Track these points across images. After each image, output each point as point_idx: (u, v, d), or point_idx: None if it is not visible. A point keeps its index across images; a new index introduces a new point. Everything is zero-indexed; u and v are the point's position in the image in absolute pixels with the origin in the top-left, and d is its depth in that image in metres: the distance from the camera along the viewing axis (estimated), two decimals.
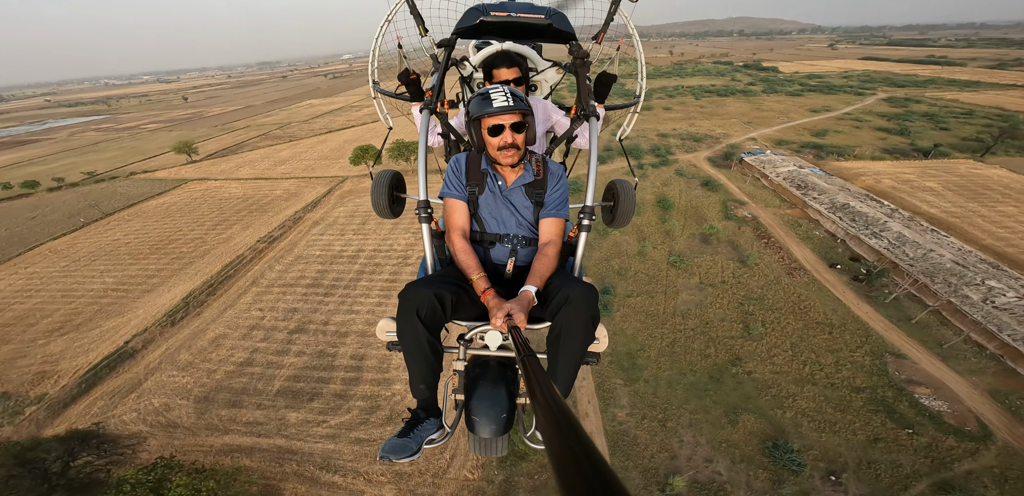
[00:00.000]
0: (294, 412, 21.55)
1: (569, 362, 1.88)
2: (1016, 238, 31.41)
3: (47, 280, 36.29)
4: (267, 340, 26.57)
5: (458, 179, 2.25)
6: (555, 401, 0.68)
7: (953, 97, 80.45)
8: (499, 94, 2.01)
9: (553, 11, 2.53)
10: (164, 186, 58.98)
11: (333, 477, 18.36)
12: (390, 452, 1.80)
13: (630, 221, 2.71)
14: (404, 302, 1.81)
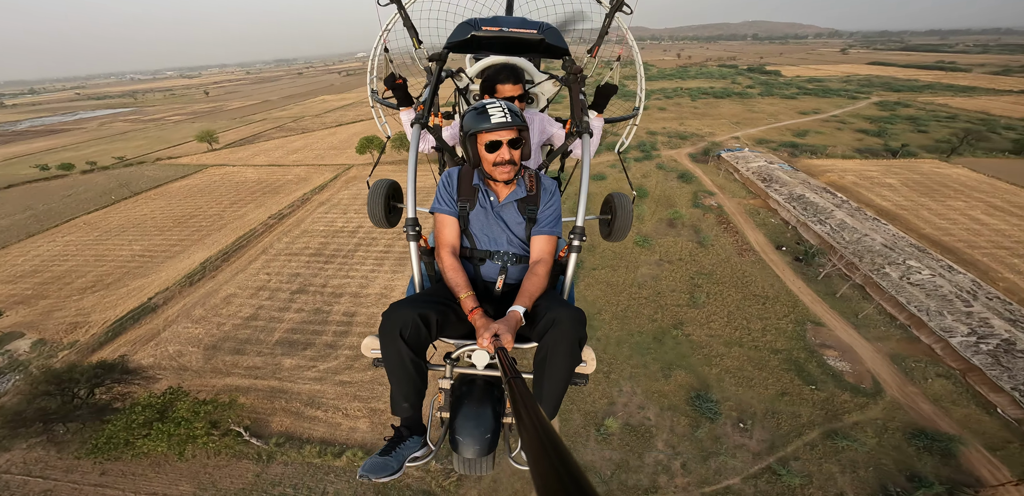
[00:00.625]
0: (288, 359, 24.85)
1: (555, 384, 1.85)
2: (955, 228, 33.83)
3: (81, 247, 40.67)
4: (271, 299, 30.30)
5: (449, 194, 2.21)
6: (540, 423, 0.67)
7: (944, 102, 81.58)
8: (496, 109, 1.98)
9: (546, 26, 2.49)
10: (187, 170, 63.67)
11: (316, 412, 21.03)
12: (370, 471, 1.78)
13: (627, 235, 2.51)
14: (387, 322, 1.78)
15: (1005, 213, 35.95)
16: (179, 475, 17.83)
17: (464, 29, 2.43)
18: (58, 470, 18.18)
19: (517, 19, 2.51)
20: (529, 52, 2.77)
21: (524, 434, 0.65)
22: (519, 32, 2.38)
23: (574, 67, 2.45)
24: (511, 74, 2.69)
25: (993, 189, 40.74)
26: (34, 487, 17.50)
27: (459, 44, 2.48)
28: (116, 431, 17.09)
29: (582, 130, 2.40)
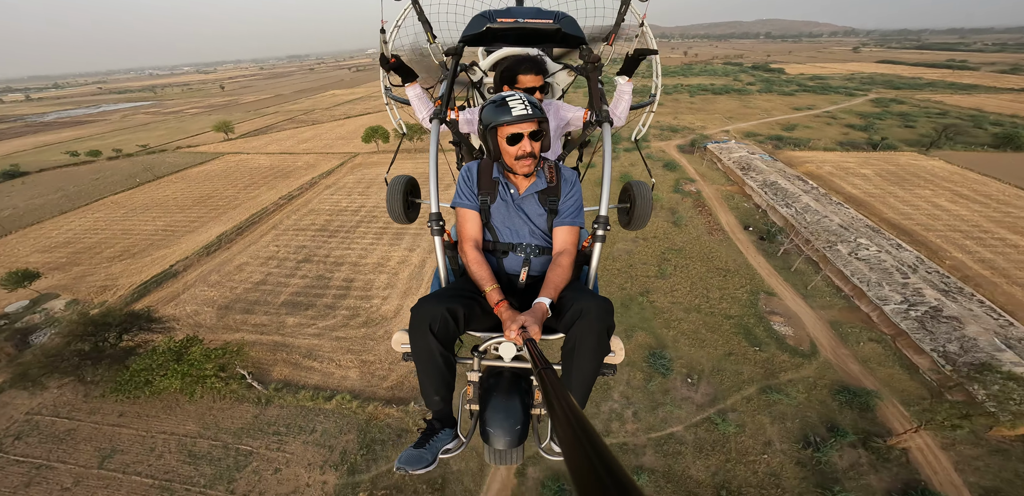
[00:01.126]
0: (291, 317, 27.76)
1: (584, 375, 1.86)
2: (916, 213, 35.70)
3: (109, 223, 44.38)
4: (279, 267, 33.47)
5: (469, 188, 2.21)
6: (573, 412, 0.67)
7: (940, 99, 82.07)
8: (517, 102, 1.96)
9: (562, 15, 2.46)
10: (205, 157, 67.47)
11: (312, 363, 23.61)
12: (406, 463, 1.81)
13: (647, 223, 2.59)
14: (416, 317, 1.81)
15: (969, 200, 37.66)
16: (187, 416, 20.38)
17: (479, 21, 2.42)
18: (82, 412, 20.91)
19: (532, 9, 2.51)
20: (545, 42, 2.73)
21: (557, 424, 0.65)
22: (535, 22, 2.36)
23: (592, 56, 2.40)
24: (533, 65, 2.64)
25: (963, 179, 42.32)
26: (60, 427, 20.14)
27: (474, 37, 2.47)
28: (138, 370, 19.86)
29: (602, 119, 2.36)
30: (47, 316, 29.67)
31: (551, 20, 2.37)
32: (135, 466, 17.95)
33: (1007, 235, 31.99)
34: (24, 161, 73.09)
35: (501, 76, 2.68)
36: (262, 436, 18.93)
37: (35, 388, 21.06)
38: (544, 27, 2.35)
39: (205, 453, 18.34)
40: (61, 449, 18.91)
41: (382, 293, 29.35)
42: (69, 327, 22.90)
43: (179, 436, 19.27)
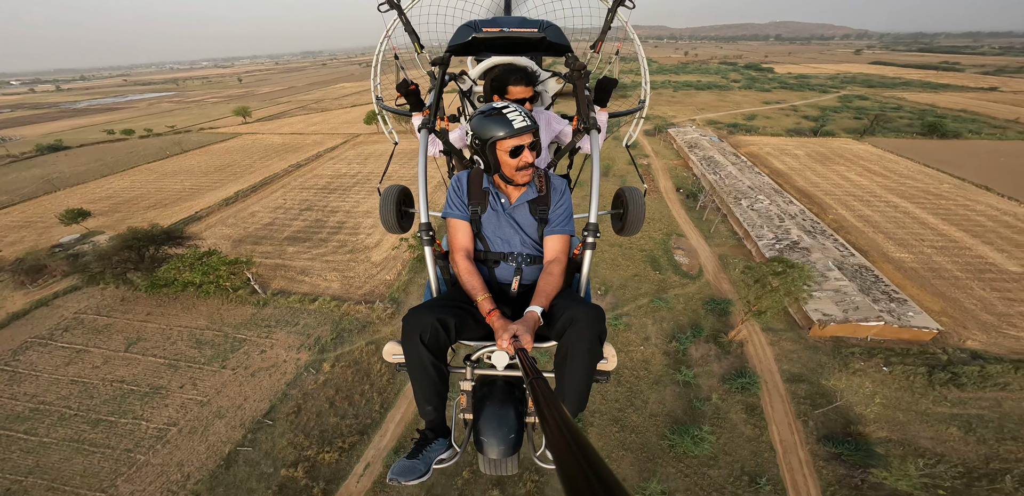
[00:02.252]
0: (292, 247, 34.26)
1: (578, 382, 1.84)
2: (823, 182, 41.52)
3: (144, 183, 51.81)
4: (285, 214, 40.36)
5: (460, 198, 2.20)
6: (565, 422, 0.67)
7: (903, 96, 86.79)
8: (515, 114, 1.95)
9: (546, 24, 2.48)
10: (225, 137, 75.10)
11: (304, 278, 29.90)
12: (399, 475, 1.80)
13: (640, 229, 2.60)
14: (407, 327, 1.80)
15: (874, 174, 43.35)
16: (199, 315, 26.45)
17: (465, 31, 2.43)
18: (118, 312, 27.12)
19: (517, 19, 2.53)
20: (531, 51, 2.72)
21: (549, 434, 0.65)
22: (520, 31, 2.38)
23: (578, 63, 2.37)
24: (523, 76, 2.58)
25: (879, 159, 47.89)
26: (99, 323, 26.23)
27: (461, 47, 2.47)
28: (169, 270, 26.14)
29: (590, 126, 2.33)
30: (94, 246, 36.78)
31: (536, 29, 2.42)
32: (152, 350, 23.11)
33: (894, 199, 37.78)
34: (65, 138, 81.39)
35: (491, 86, 2.65)
36: (255, 328, 24.55)
37: (89, 285, 28.00)
38: (529, 36, 2.41)
39: (209, 340, 23.74)
40: (98, 338, 24.37)
41: (367, 231, 36.14)
42: (120, 236, 29.68)
43: (191, 329, 24.97)
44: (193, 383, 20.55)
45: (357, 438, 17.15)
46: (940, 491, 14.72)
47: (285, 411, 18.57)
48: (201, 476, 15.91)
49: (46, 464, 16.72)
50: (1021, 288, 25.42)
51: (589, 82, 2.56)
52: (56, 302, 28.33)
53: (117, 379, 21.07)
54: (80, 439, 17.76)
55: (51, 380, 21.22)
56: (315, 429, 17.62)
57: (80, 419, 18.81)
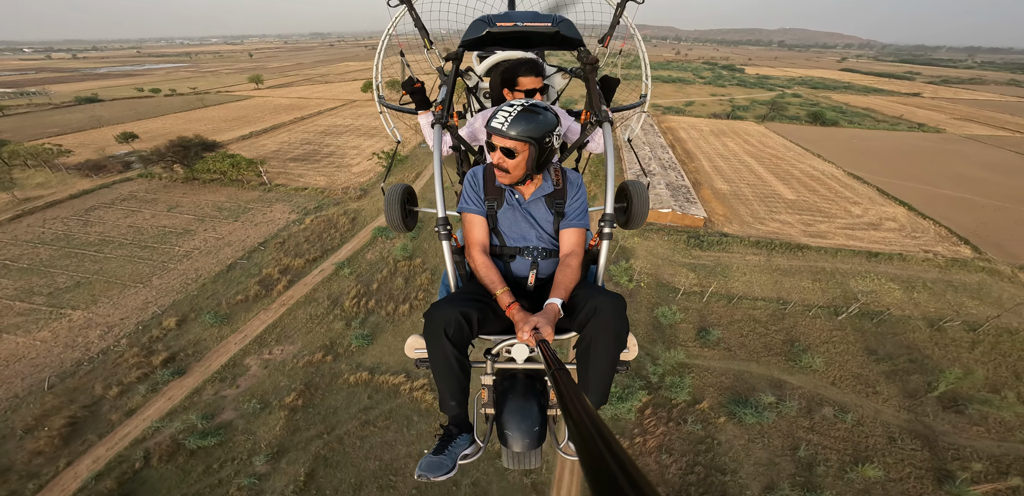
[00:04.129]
0: (292, 164, 45.62)
1: (601, 373, 1.83)
2: (707, 147, 53.50)
3: (174, 125, 63.00)
4: (288, 145, 51.94)
5: (476, 193, 2.18)
6: (588, 413, 0.67)
7: (831, 96, 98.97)
8: (503, 113, 1.91)
9: (560, 18, 2.48)
10: (240, 97, 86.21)
11: (300, 178, 41.14)
12: (427, 471, 1.79)
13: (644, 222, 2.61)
14: (430, 322, 1.80)
15: (747, 144, 55.46)
16: (221, 195, 37.92)
17: (479, 26, 2.43)
18: (161, 192, 38.51)
19: (529, 13, 2.53)
20: (543, 45, 2.71)
21: (572, 425, 0.65)
22: (534, 26, 2.38)
23: (590, 57, 2.32)
24: (532, 67, 2.59)
25: (762, 136, 60.00)
26: (147, 197, 37.43)
27: (474, 41, 2.48)
28: (205, 162, 38.28)
29: (601, 119, 2.32)
30: (139, 157, 48.53)
31: (549, 23, 2.42)
32: (186, 212, 34.45)
33: (746, 158, 49.92)
34: (98, 93, 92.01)
35: (501, 79, 2.65)
36: (261, 203, 36.30)
37: (146, 169, 40.06)
38: (543, 30, 2.40)
39: (227, 207, 35.52)
40: (146, 205, 36.04)
41: (352, 156, 48.03)
42: (169, 142, 41.41)
43: (215, 202, 36.63)
44: (213, 228, 32.30)
45: (319, 254, 28.80)
46: (643, 283, 26.76)
47: (274, 242, 30.06)
48: (209, 275, 26.19)
49: (106, 269, 27.15)
50: (785, 206, 37.70)
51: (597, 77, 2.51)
52: (114, 186, 40.22)
53: (160, 226, 32.72)
54: (131, 256, 28.51)
55: (113, 225, 32.82)
56: (292, 251, 29.14)
57: (132, 245, 30.05)
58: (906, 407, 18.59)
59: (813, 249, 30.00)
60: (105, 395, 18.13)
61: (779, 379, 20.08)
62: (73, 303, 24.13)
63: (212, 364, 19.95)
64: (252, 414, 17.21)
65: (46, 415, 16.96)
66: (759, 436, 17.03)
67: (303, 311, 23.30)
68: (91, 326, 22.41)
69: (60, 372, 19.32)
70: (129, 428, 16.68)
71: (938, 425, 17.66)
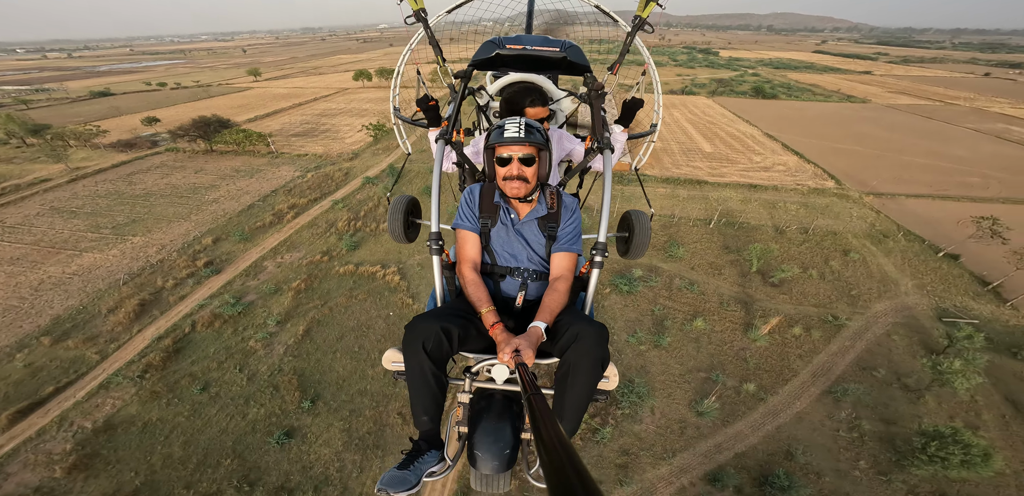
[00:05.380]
0: (295, 138, 52.73)
1: (576, 401, 1.80)
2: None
3: (185, 113, 69.09)
4: (289, 125, 58.72)
5: (471, 210, 2.20)
6: (560, 441, 0.66)
7: (787, 74, 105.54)
8: (513, 125, 1.99)
9: (568, 44, 2.51)
10: (241, 88, 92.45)
11: (301, 148, 48.40)
12: (388, 485, 1.71)
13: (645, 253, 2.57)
14: (410, 335, 1.78)
15: (692, 115, 62.42)
16: (237, 162, 45.03)
17: (489, 47, 2.46)
18: (187, 161, 45.71)
19: (540, 38, 2.58)
20: (551, 69, 2.74)
21: (543, 451, 0.64)
22: (542, 50, 2.41)
23: (596, 84, 2.33)
24: (538, 97, 2.64)
25: (707, 106, 66.95)
26: (173, 165, 44.60)
27: (484, 62, 2.52)
28: (223, 135, 45.77)
29: (603, 146, 2.31)
30: (169, 132, 55.60)
31: (557, 48, 2.44)
32: (210, 173, 41.87)
33: (684, 124, 57.02)
34: (110, 88, 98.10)
35: (506, 107, 2.70)
36: (270, 166, 43.58)
37: (173, 143, 47.36)
38: (550, 55, 2.43)
39: (243, 170, 42.68)
40: (176, 170, 43.35)
41: (345, 129, 55.25)
42: (192, 121, 48.63)
43: (231, 167, 43.84)
44: (233, 183, 39.63)
45: (319, 196, 36.21)
46: None
47: (282, 191, 37.43)
48: (234, 212, 33.58)
49: (154, 212, 34.31)
50: (701, 157, 44.87)
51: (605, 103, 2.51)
52: (146, 158, 47.74)
53: (190, 183, 40.00)
54: (172, 203, 35.83)
55: (153, 184, 40.10)
56: (298, 194, 36.53)
57: (171, 196, 37.29)
58: (738, 283, 26.07)
59: (710, 184, 37.56)
60: (164, 286, 25.46)
61: (655, 265, 27.64)
62: (132, 233, 31.65)
63: (240, 266, 27.46)
64: (268, 295, 24.45)
65: (122, 300, 24.23)
66: (632, 302, 23.88)
67: (307, 231, 30.87)
68: (149, 246, 29.96)
69: (130, 274, 26.73)
70: (181, 307, 23.79)
71: (756, 294, 25.07)
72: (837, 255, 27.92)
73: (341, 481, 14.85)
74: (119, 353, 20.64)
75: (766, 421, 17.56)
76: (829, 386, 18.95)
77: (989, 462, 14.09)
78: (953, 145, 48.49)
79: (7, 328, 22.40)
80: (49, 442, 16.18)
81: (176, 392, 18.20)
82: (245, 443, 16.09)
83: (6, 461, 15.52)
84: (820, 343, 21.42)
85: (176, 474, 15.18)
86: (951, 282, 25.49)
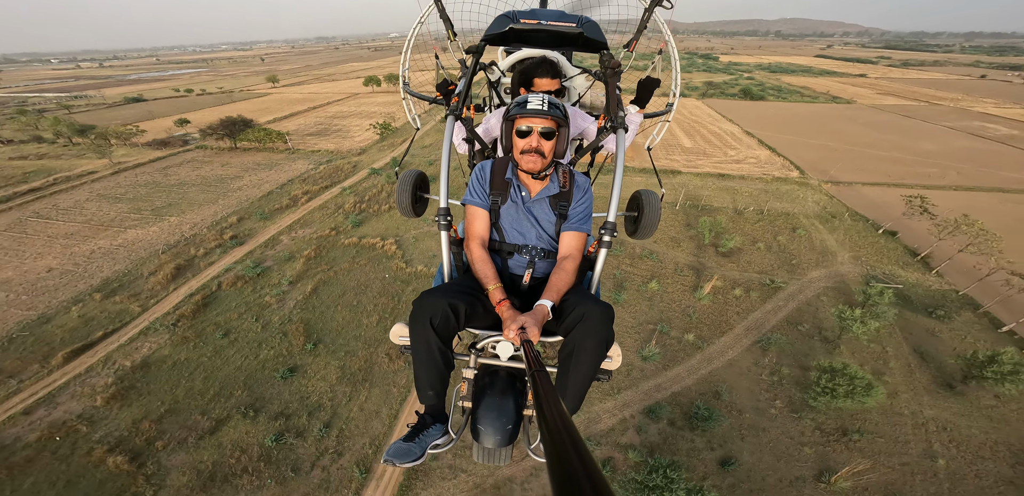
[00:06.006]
0: (310, 137, 57.38)
1: (580, 379, 1.83)
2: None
3: (212, 115, 74.86)
4: (304, 126, 63.62)
5: (482, 187, 2.17)
6: (562, 418, 0.67)
7: (778, 78, 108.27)
8: (536, 98, 1.98)
9: (585, 19, 2.43)
10: (260, 94, 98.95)
11: (315, 145, 52.74)
12: (394, 456, 1.78)
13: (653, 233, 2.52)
14: (418, 310, 1.78)
15: (677, 114, 65.68)
16: (258, 158, 49.95)
17: (502, 21, 2.38)
18: (214, 157, 50.89)
19: (556, 12, 2.48)
20: (567, 46, 2.67)
21: (545, 428, 0.65)
22: (558, 25, 2.33)
23: (612, 61, 2.25)
24: (549, 68, 2.55)
25: (694, 107, 70.24)
26: (205, 159, 49.79)
27: (496, 37, 2.44)
28: (246, 134, 51.05)
29: (617, 125, 2.22)
30: (193, 137, 61.18)
31: (574, 24, 2.36)
32: (235, 166, 47.00)
33: (673, 126, 60.29)
34: (143, 94, 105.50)
35: (518, 78, 2.63)
36: (287, 160, 48.48)
37: (202, 140, 52.59)
38: (567, 30, 2.35)
39: (263, 164, 47.55)
40: (204, 163, 48.71)
41: (355, 130, 60.03)
42: (220, 121, 53.86)
43: (253, 161, 48.83)
44: (255, 174, 44.36)
45: (330, 184, 40.61)
46: None
47: (298, 180, 41.88)
48: (256, 197, 38.33)
49: (187, 197, 39.17)
50: (680, 151, 48.29)
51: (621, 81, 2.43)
52: (179, 154, 53.03)
53: (218, 174, 44.87)
54: (202, 190, 40.73)
55: (185, 175, 45.10)
56: (310, 182, 41.04)
57: (202, 185, 42.12)
58: (694, 254, 29.42)
59: (683, 173, 40.95)
60: (196, 255, 29.72)
61: (621, 239, 30.98)
62: (168, 214, 36.31)
63: (260, 239, 31.68)
64: (283, 261, 28.57)
65: (161, 265, 28.51)
66: None
67: (318, 212, 35.14)
68: (183, 224, 34.50)
69: (167, 245, 31.10)
70: (210, 271, 27.99)
71: (708, 263, 28.38)
72: (786, 232, 31.07)
73: (332, 408, 17.91)
74: (157, 306, 24.75)
75: (701, 366, 20.62)
76: (758, 338, 22.05)
77: (871, 392, 16.70)
78: (923, 140, 51.04)
79: (65, 287, 26.81)
80: (94, 377, 19.58)
81: (202, 337, 21.95)
82: (255, 378, 19.40)
83: (58, 392, 18.95)
84: (757, 302, 24.61)
85: (195, 403, 18.13)
86: (885, 254, 28.46)
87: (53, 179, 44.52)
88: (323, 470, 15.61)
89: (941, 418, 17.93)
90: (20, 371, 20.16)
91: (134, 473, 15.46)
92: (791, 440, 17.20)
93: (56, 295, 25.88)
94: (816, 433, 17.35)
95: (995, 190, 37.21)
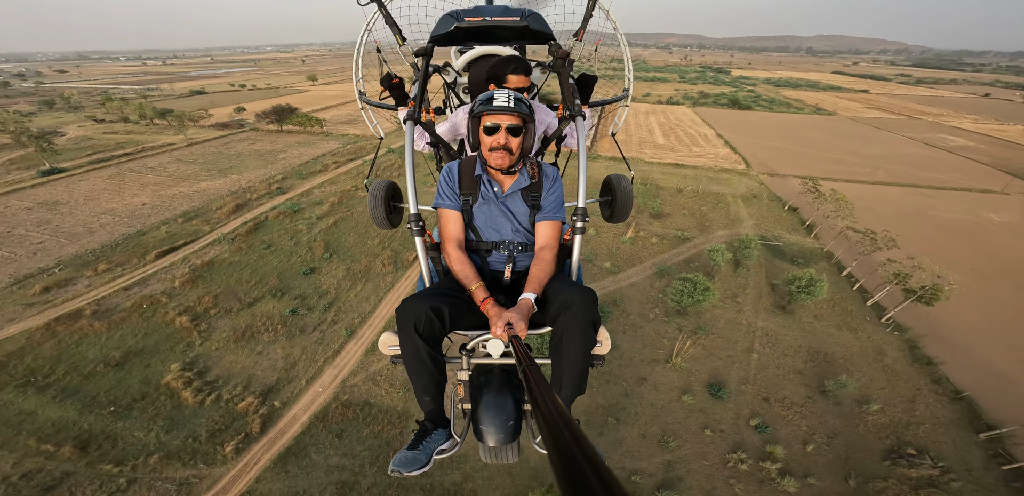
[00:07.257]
0: (341, 124, 67.27)
1: (573, 366, 1.84)
2: (632, 119, 71.66)
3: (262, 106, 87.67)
4: (338, 116, 74.30)
5: (451, 189, 2.17)
6: (557, 410, 0.67)
7: (779, 90, 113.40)
8: (502, 95, 2.00)
9: (528, 12, 2.47)
10: (301, 90, 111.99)
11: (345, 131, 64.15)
12: (400, 466, 1.77)
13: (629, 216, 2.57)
14: (401, 317, 1.78)
15: (665, 119, 73.00)
16: (299, 138, 60.35)
17: (447, 21, 2.39)
18: (264, 136, 61.63)
19: (499, 7, 2.49)
20: (514, 40, 2.70)
21: (542, 421, 0.66)
22: (502, 20, 2.35)
23: (561, 51, 2.34)
24: (520, 66, 2.56)
25: (682, 114, 77.22)
26: (257, 138, 60.55)
27: (444, 37, 2.44)
28: (291, 118, 62.02)
29: (575, 113, 2.30)
30: (248, 122, 72.54)
31: (518, 17, 2.38)
32: (280, 143, 57.82)
33: (654, 126, 67.76)
34: (204, 88, 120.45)
35: (488, 77, 2.63)
36: (322, 141, 59.04)
37: (255, 124, 63.77)
38: (511, 24, 2.36)
39: (303, 142, 58.14)
40: (257, 142, 59.58)
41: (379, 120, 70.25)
42: (272, 107, 64.94)
43: (295, 140, 59.69)
44: (296, 149, 54.64)
45: (354, 157, 50.40)
46: None
47: (329, 154, 51.93)
48: (296, 165, 48.54)
49: (244, 163, 49.75)
50: (652, 148, 55.73)
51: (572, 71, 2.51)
52: (236, 134, 64.00)
53: (267, 149, 55.37)
54: (255, 159, 51.17)
55: (242, 148, 55.86)
56: (339, 156, 50.88)
57: (255, 155, 52.62)
58: (634, 216, 36.98)
59: (646, 162, 48.57)
60: (250, 198, 39.45)
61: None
62: (230, 173, 46.57)
63: (298, 190, 41.21)
64: (313, 204, 37.77)
65: (224, 203, 38.24)
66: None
67: (344, 176, 44.63)
68: (241, 180, 44.58)
69: (230, 191, 41.05)
70: (260, 208, 37.46)
71: (642, 223, 35.97)
72: (710, 205, 38.35)
73: (336, 294, 25.95)
74: (221, 228, 34.21)
75: (610, 285, 28.27)
76: (658, 269, 29.60)
77: (707, 295, 24.01)
78: (874, 147, 56.73)
79: (156, 214, 36.87)
80: (175, 269, 28.24)
81: (251, 248, 30.95)
82: (285, 274, 27.92)
83: (149, 278, 27.56)
84: (667, 248, 32.13)
85: (241, 288, 25.94)
86: (781, 223, 35.38)
87: (141, 148, 56.09)
88: (321, 332, 22.86)
89: (767, 327, 24.65)
90: (125, 262, 29.61)
91: (191, 329, 22.24)
92: (658, 335, 24.26)
93: (149, 219, 35.92)
94: (676, 331, 24.33)
95: (910, 186, 43.17)
